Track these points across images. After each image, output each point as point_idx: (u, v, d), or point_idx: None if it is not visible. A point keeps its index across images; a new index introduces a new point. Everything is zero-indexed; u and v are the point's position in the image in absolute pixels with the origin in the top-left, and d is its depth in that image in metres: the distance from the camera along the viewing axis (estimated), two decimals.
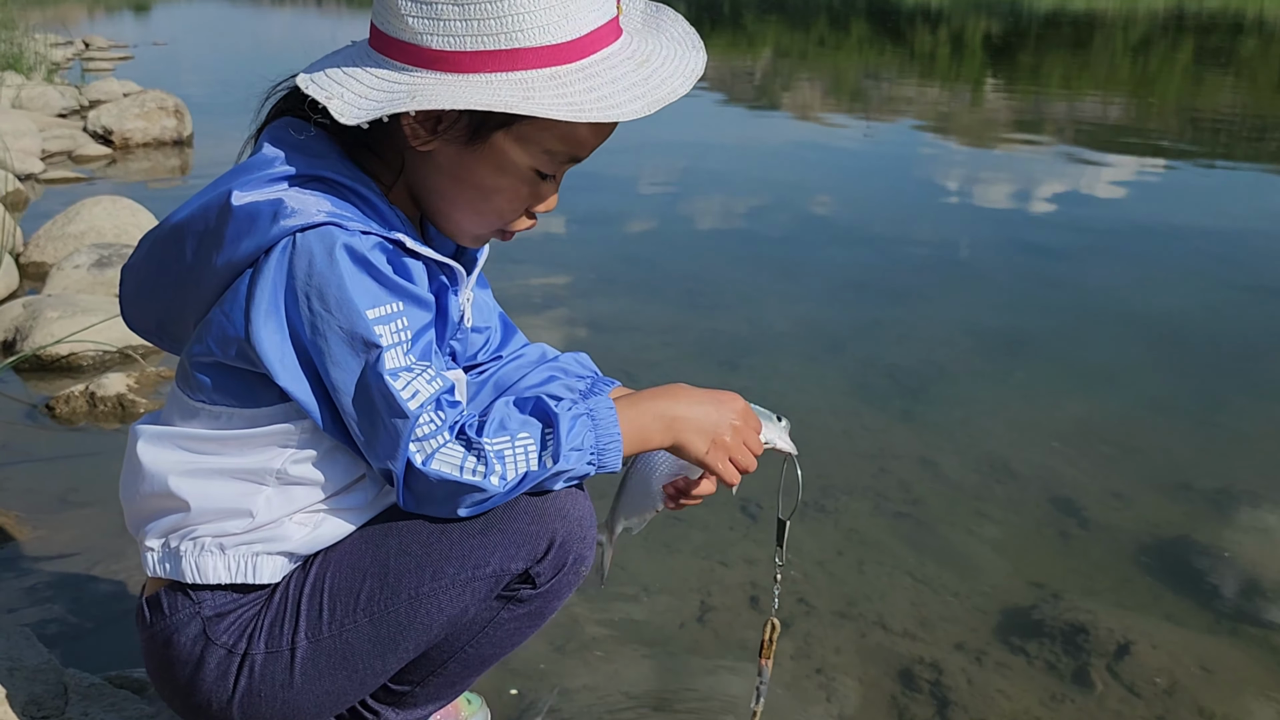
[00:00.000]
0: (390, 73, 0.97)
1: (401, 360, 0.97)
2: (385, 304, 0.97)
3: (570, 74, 0.95)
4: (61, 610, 1.76)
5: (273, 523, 1.04)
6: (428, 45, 0.95)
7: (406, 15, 0.95)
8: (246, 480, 1.03)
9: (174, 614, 1.07)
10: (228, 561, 1.04)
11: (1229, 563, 2.02)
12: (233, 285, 0.98)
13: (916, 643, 1.76)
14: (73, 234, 3.74)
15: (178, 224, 1.02)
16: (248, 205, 0.96)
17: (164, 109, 6.79)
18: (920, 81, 12.20)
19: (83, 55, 14.56)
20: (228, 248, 0.97)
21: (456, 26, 0.94)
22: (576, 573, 1.13)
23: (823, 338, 3.30)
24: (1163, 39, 18.17)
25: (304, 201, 0.96)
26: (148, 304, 1.09)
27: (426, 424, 0.98)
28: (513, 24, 0.93)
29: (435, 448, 0.98)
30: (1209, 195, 5.67)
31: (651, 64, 1.00)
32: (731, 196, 5.45)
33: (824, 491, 2.25)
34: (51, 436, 2.47)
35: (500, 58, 0.94)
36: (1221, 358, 3.14)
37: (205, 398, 1.03)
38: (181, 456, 1.04)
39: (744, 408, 1.15)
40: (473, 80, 0.94)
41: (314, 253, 0.95)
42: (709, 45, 1.09)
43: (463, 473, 0.98)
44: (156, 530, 1.06)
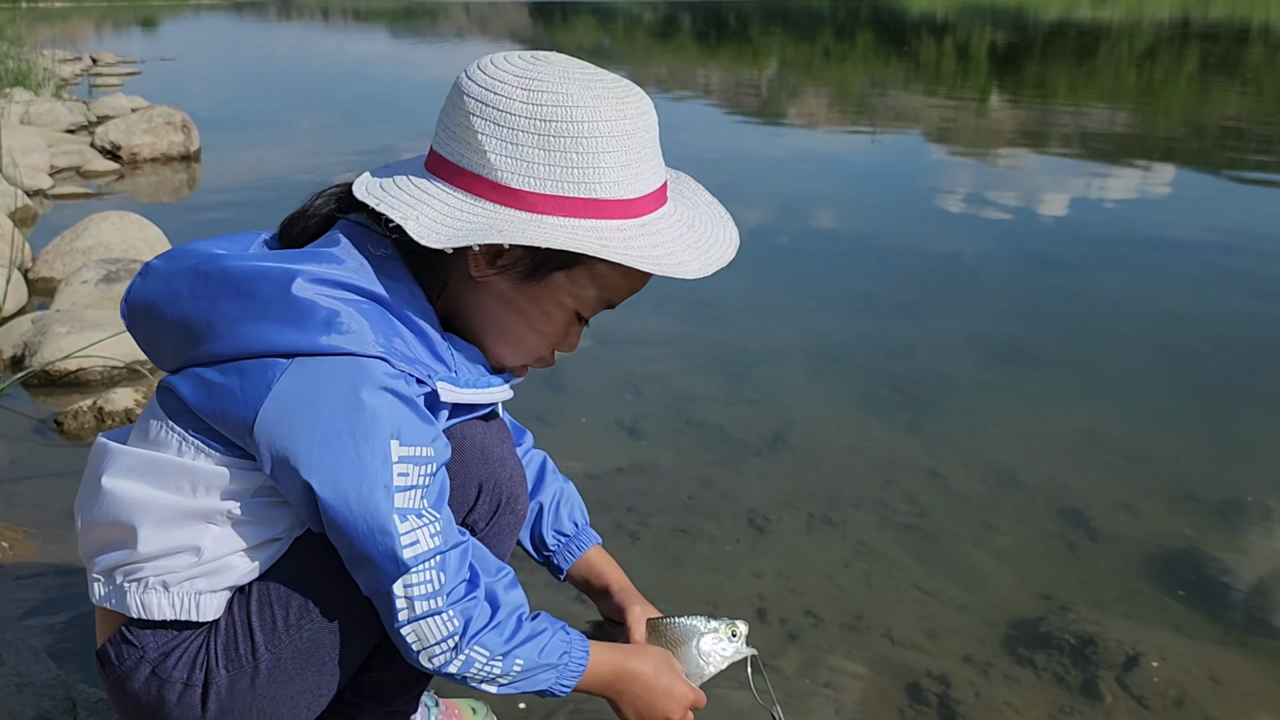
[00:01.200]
0: (464, 200, 1.00)
1: (415, 503, 0.98)
2: (418, 447, 0.98)
3: (634, 229, 1.02)
4: (70, 626, 1.76)
5: (217, 559, 1.04)
6: (506, 182, 0.99)
7: (489, 152, 0.99)
8: (198, 520, 1.03)
9: (122, 663, 1.08)
10: (171, 599, 1.05)
11: (1238, 574, 2.01)
12: (257, 363, 0.98)
13: (924, 655, 1.75)
14: (81, 249, 3.76)
15: (228, 270, 1.01)
16: (307, 300, 0.97)
17: (171, 124, 6.83)
18: (926, 92, 12.22)
19: (91, 71, 14.68)
20: (268, 326, 0.97)
21: (540, 170, 0.98)
22: (513, 512, 1.15)
23: (829, 349, 3.30)
24: (1169, 48, 18.17)
25: (361, 326, 0.97)
26: (155, 316, 1.07)
27: (423, 582, 0.98)
28: (593, 175, 0.99)
29: (425, 612, 0.99)
30: (1215, 205, 5.66)
31: (698, 229, 1.08)
32: (738, 208, 5.42)
33: (831, 504, 2.25)
34: (60, 452, 2.48)
35: (575, 205, 0.99)
36: (1229, 368, 3.13)
37: (183, 425, 1.03)
38: (141, 491, 1.03)
39: (688, 709, 1.20)
40: (547, 221, 0.99)
41: (358, 384, 0.96)
42: (715, 56, 1.12)
43: (427, 651, 1.01)
44: (104, 564, 1.07)
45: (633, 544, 2.08)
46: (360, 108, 10.80)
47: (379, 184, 1.04)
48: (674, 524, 2.16)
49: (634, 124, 1.01)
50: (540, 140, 0.98)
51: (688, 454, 2.50)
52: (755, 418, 2.71)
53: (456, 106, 1.02)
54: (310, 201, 1.11)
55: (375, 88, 13.91)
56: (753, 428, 2.64)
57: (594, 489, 2.30)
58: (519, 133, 0.98)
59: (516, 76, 0.99)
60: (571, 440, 2.54)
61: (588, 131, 0.98)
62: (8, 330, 3.02)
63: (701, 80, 14.67)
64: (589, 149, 0.98)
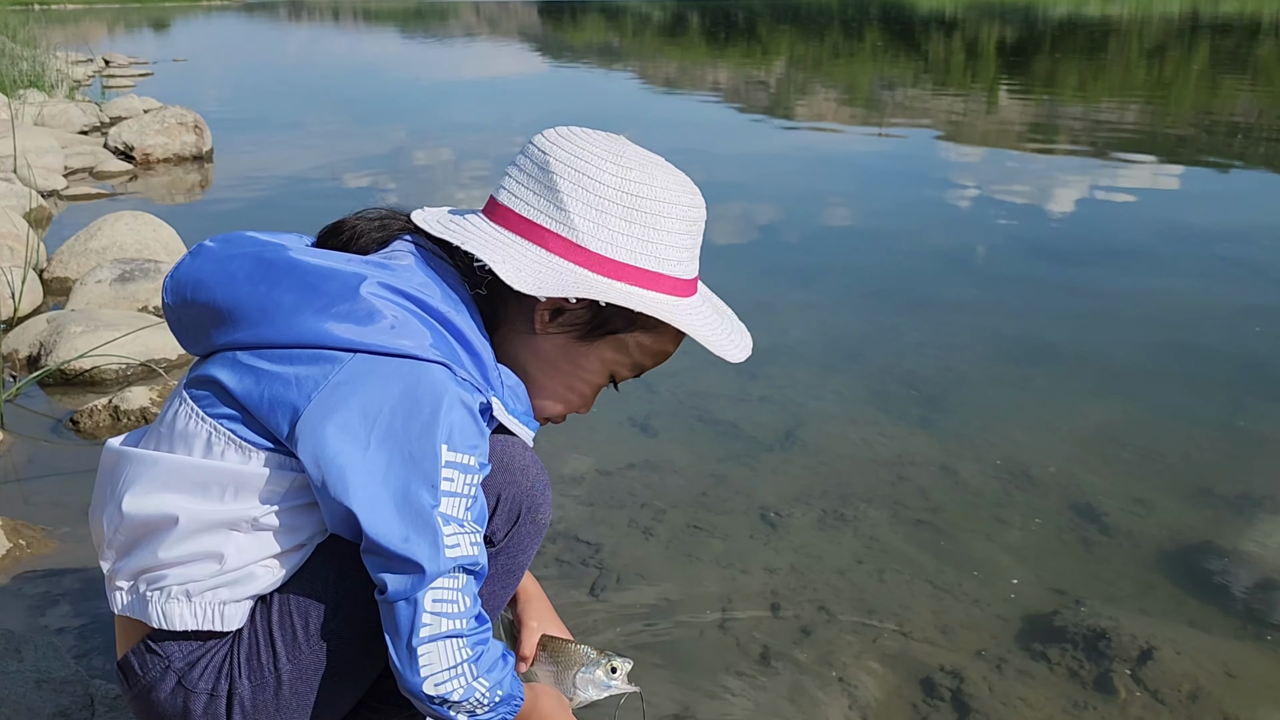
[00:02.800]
0: (542, 254, 1.06)
1: (459, 512, 0.99)
2: (468, 455, 1.00)
3: (686, 306, 1.11)
4: (88, 623, 1.78)
5: (240, 568, 1.04)
6: (586, 244, 1.06)
7: (574, 214, 1.05)
8: (222, 528, 1.03)
9: (146, 673, 1.08)
10: (194, 609, 1.05)
11: (1252, 568, 2.01)
12: (315, 354, 0.98)
13: (937, 650, 1.75)
14: (95, 249, 3.79)
15: (294, 262, 1.03)
16: (372, 302, 1.00)
17: (184, 125, 6.87)
18: (935, 88, 12.18)
19: (103, 72, 14.76)
20: (330, 320, 0.99)
21: (619, 238, 1.06)
22: (534, 522, 1.16)
23: (841, 345, 3.30)
24: (1178, 43, 18.07)
25: (423, 334, 1.00)
26: (201, 294, 1.05)
27: (450, 600, 0.98)
28: (663, 251, 1.08)
29: (449, 631, 0.99)
30: (1227, 200, 5.63)
31: (724, 316, 1.18)
32: (748, 204, 5.46)
33: (843, 500, 2.25)
34: (76, 450, 2.49)
35: (644, 275, 1.08)
36: (1242, 363, 3.12)
37: (217, 420, 1.02)
38: (162, 498, 1.03)
39: None
40: (617, 286, 1.05)
41: (419, 384, 0.98)
42: (725, 55, 1.15)
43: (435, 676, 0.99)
44: (125, 571, 1.07)
45: (646, 540, 2.08)
46: (371, 108, 10.83)
47: (443, 220, 1.08)
48: (687, 520, 2.17)
49: (698, 214, 1.12)
50: (625, 212, 1.06)
51: (701, 450, 2.50)
52: (767, 414, 2.71)
53: (538, 166, 1.07)
54: (357, 218, 1.12)
55: (385, 88, 13.95)
56: (765, 424, 2.65)
57: (607, 485, 2.31)
58: (606, 201, 1.06)
59: (607, 151, 1.07)
60: (585, 437, 2.55)
61: (667, 211, 1.08)
62: (23, 330, 3.05)
63: (710, 78, 14.67)
64: (665, 227, 1.08)
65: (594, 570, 1.97)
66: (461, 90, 13.15)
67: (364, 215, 1.13)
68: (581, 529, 2.11)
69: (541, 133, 1.10)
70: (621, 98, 11.54)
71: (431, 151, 7.26)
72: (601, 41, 25.86)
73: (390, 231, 1.11)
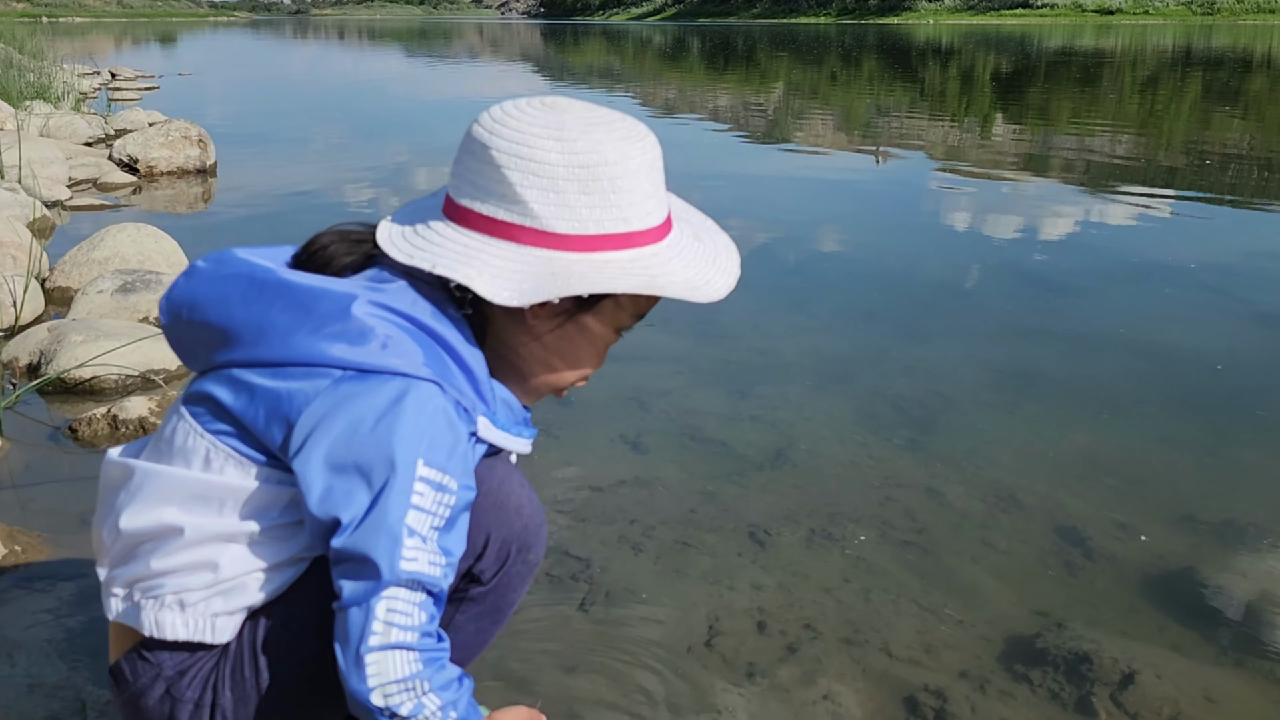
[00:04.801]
0: (514, 250, 1.05)
1: (424, 528, 0.99)
2: (443, 474, 1.00)
3: (665, 250, 1.10)
4: (82, 629, 1.79)
5: (234, 578, 1.06)
6: (552, 229, 1.04)
7: (531, 202, 1.04)
8: (218, 540, 1.05)
9: (137, 679, 1.10)
10: (186, 619, 1.06)
11: (1234, 594, 2.03)
12: (308, 370, 1.00)
13: (921, 670, 1.78)
14: (98, 260, 3.82)
15: (286, 282, 1.04)
16: (365, 321, 1.01)
17: (188, 138, 6.92)
18: (930, 117, 12.29)
19: (109, 85, 14.85)
20: (323, 340, 1.00)
21: (583, 213, 1.04)
22: (525, 562, 1.17)
23: (831, 367, 3.33)
24: (1171, 76, 18.25)
25: (414, 351, 1.02)
26: (196, 315, 1.08)
27: (404, 611, 0.98)
28: (629, 210, 1.06)
29: (397, 642, 0.98)
30: (1216, 231, 5.69)
31: (703, 239, 1.15)
32: (743, 227, 5.51)
33: (831, 519, 2.28)
34: (74, 458, 2.51)
35: (616, 239, 1.06)
36: (1227, 391, 3.15)
37: (215, 436, 1.05)
38: (161, 510, 1.05)
39: None
40: (593, 259, 1.05)
41: (403, 400, 0.99)
42: (724, 81, 1.17)
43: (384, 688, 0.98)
44: (122, 578, 1.09)
45: (635, 556, 2.11)
46: (374, 125, 10.90)
47: (409, 236, 1.07)
48: (676, 537, 2.19)
49: (651, 157, 1.09)
50: (580, 186, 1.04)
51: (691, 468, 2.53)
52: (758, 433, 2.74)
53: (483, 160, 1.05)
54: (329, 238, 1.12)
55: (389, 105, 14.04)
56: (755, 443, 2.67)
57: (598, 501, 2.33)
58: (559, 181, 1.03)
59: (544, 128, 1.04)
60: (576, 453, 2.57)
61: (620, 172, 1.05)
62: (24, 338, 3.07)
63: (710, 103, 14.78)
64: (623, 187, 1.06)
65: (583, 585, 1.99)
66: (463, 109, 13.23)
67: (336, 232, 1.13)
68: (571, 544, 2.14)
69: (477, 119, 1.08)
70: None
71: (433, 170, 7.31)
72: (602, 64, 26.04)
73: (362, 253, 1.11)
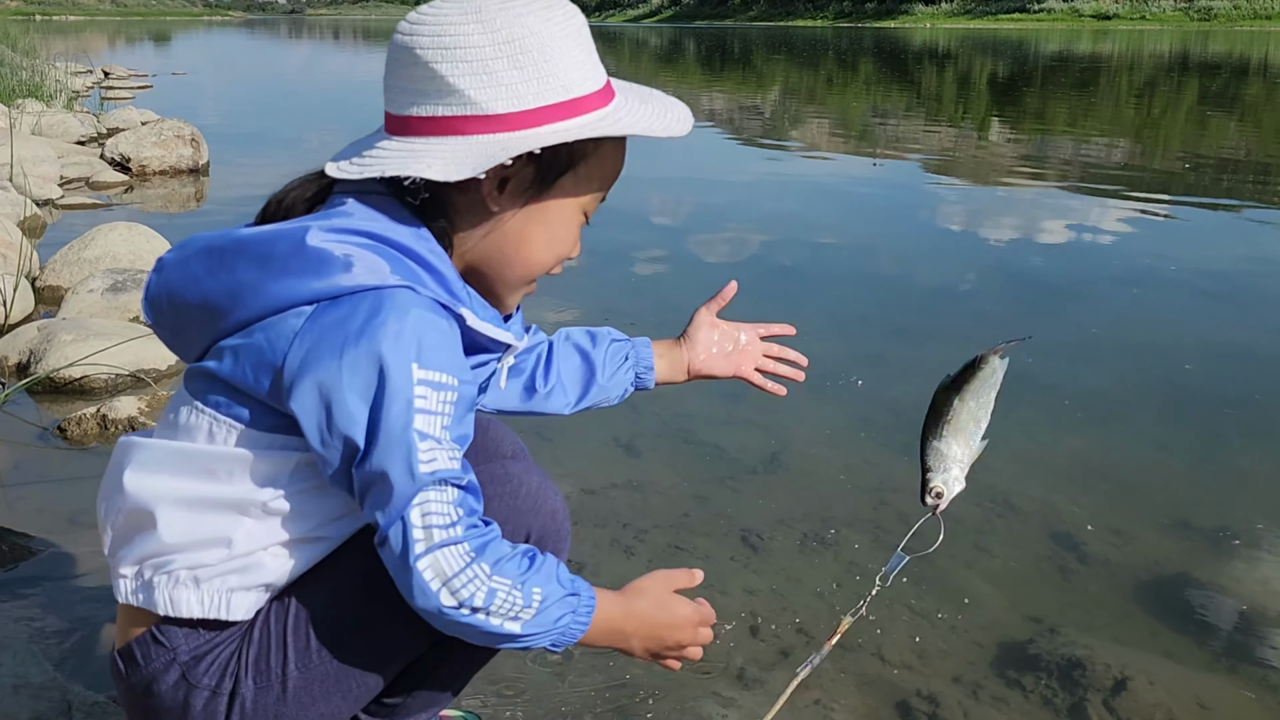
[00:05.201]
0: (460, 140, 1.02)
1: (434, 430, 0.97)
2: (440, 373, 0.98)
3: (612, 113, 1.08)
4: (68, 629, 1.78)
5: (249, 554, 1.04)
6: (492, 110, 1.02)
7: (466, 89, 1.01)
8: (229, 511, 1.03)
9: (149, 664, 1.06)
10: (201, 596, 1.04)
11: (1227, 600, 2.03)
12: (280, 314, 0.99)
13: (914, 675, 1.77)
14: (88, 259, 3.80)
15: (240, 239, 1.03)
16: (321, 248, 0.99)
17: (181, 138, 6.90)
18: (927, 120, 12.31)
19: (102, 84, 14.82)
20: (290, 280, 0.98)
21: (519, 89, 1.02)
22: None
23: (825, 371, 3.32)
24: (1167, 81, 18.31)
25: (378, 264, 0.99)
26: (177, 304, 1.07)
27: (439, 512, 0.96)
28: (564, 78, 1.04)
29: (444, 541, 0.96)
30: (1211, 236, 5.70)
31: (651, 103, 1.13)
32: (737, 231, 5.51)
33: (824, 523, 2.27)
34: (63, 458, 2.50)
35: (559, 109, 1.04)
36: (1221, 397, 3.15)
37: (213, 406, 1.03)
38: (167, 481, 1.03)
39: (697, 627, 1.17)
40: (544, 130, 1.03)
41: (381, 311, 0.97)
42: (721, 82, 1.16)
43: (450, 584, 0.96)
44: (131, 557, 1.06)
45: (628, 559, 2.10)
46: (367, 125, 10.86)
47: (356, 161, 1.05)
48: (669, 540, 2.18)
49: (577, 25, 1.06)
50: (510, 62, 1.01)
51: (684, 472, 2.52)
52: (751, 437, 2.73)
53: (409, 63, 1.03)
54: (283, 190, 1.11)
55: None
56: (749, 447, 2.67)
57: (590, 504, 2.32)
58: (488, 62, 1.01)
59: (462, 14, 1.02)
60: (569, 456, 2.56)
61: (546, 41, 1.03)
62: (14, 337, 3.05)
63: (705, 105, 14.79)
64: (553, 55, 1.03)
65: None
66: None
67: (292, 182, 1.12)
68: None
69: (396, 29, 1.06)
70: None
71: None
72: None
73: (316, 189, 1.10)
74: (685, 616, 1.15)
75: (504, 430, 1.35)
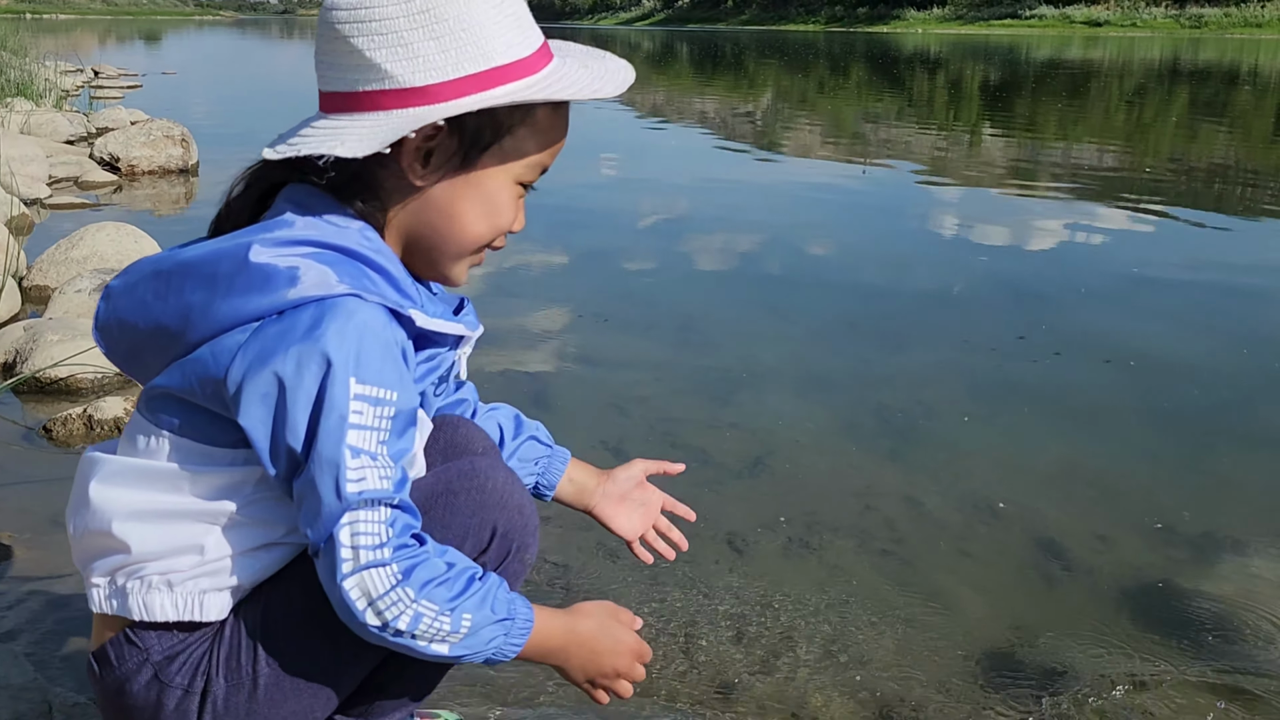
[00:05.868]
0: (379, 117, 1.01)
1: (369, 445, 0.97)
2: (378, 387, 0.97)
3: (539, 81, 1.04)
4: (49, 631, 1.77)
5: (221, 558, 1.04)
6: (410, 84, 1.00)
7: (382, 63, 0.99)
8: (200, 521, 1.04)
9: (122, 664, 1.07)
10: (175, 599, 1.04)
11: (1211, 607, 2.04)
12: (230, 333, 0.99)
13: (897, 681, 1.77)
14: (76, 259, 3.79)
15: (184, 261, 1.02)
16: (265, 264, 0.98)
17: (170, 138, 6.88)
18: (918, 126, 12.35)
19: (92, 83, 14.75)
20: (236, 299, 0.98)
21: (436, 60, 1.00)
22: (521, 561, 1.16)
23: (812, 376, 3.33)
24: (1158, 88, 18.41)
25: (325, 273, 0.98)
26: (129, 331, 1.07)
27: (369, 532, 0.96)
28: (486, 46, 1.01)
29: (370, 561, 0.96)
30: (1199, 243, 5.73)
31: (591, 67, 1.10)
32: (728, 235, 5.52)
33: (809, 529, 2.27)
34: (49, 458, 2.49)
35: (481, 79, 1.01)
36: (1207, 404, 3.17)
37: (170, 428, 1.04)
38: (133, 495, 1.04)
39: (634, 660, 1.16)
40: (463, 103, 1.01)
41: (321, 323, 0.96)
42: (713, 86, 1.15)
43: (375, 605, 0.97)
44: (103, 568, 1.06)
45: (613, 563, 2.10)
46: None
47: (285, 143, 1.04)
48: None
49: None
50: (427, 33, 0.99)
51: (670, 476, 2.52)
52: (737, 441, 2.74)
53: (330, 38, 1.02)
54: (229, 194, 1.11)
55: None
56: (734, 451, 2.67)
57: None
58: (403, 34, 0.99)
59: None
60: None
61: (465, 9, 1.00)
62: (0, 337, 3.04)
63: (697, 108, 14.81)
64: (473, 24, 1.00)
65: (560, 592, 1.99)
66: None
67: (236, 184, 1.11)
68: (549, 550, 2.13)
69: (323, 4, 1.06)
70: (607, 124, 11.64)
71: None
72: None
73: (259, 193, 1.09)
74: (627, 645, 1.16)
75: (475, 428, 1.34)
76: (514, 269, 4.49)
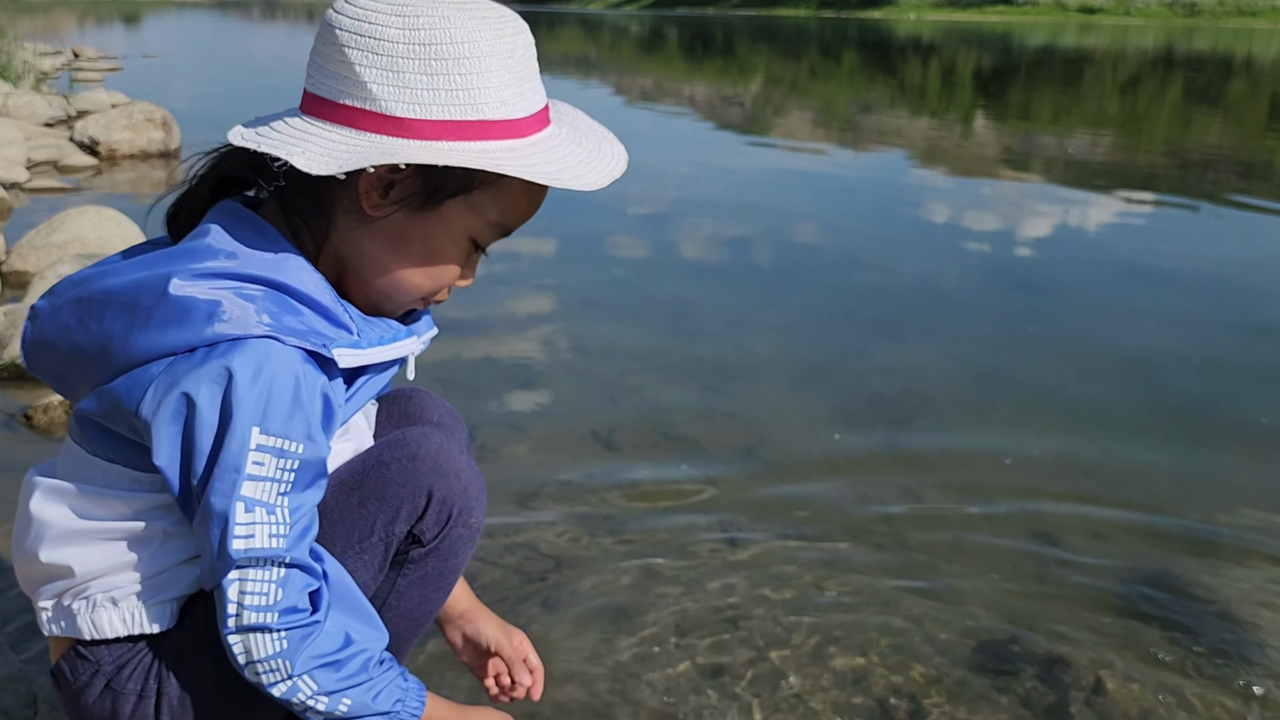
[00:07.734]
0: (349, 134, 0.97)
1: (268, 497, 0.95)
2: (283, 439, 0.95)
3: (525, 147, 1.00)
4: (32, 621, 1.74)
5: (163, 572, 1.04)
6: (390, 111, 0.96)
7: (370, 83, 0.96)
8: (135, 539, 1.03)
9: (77, 678, 1.08)
10: (121, 614, 1.04)
11: (1207, 600, 2.03)
12: (146, 366, 0.96)
13: (894, 674, 1.76)
14: (56, 243, 3.72)
15: (106, 290, 0.99)
16: (185, 298, 0.95)
17: (151, 121, 6.78)
18: (910, 113, 12.32)
19: (72, 65, 14.56)
20: (153, 332, 0.95)
21: (424, 95, 0.96)
22: (466, 525, 1.13)
23: (807, 366, 3.31)
24: (1152, 77, 18.44)
25: (245, 310, 0.95)
26: (53, 353, 1.05)
27: (257, 592, 0.96)
28: (479, 96, 0.97)
29: (253, 624, 0.96)
30: (1193, 232, 5.74)
31: (586, 146, 1.06)
32: (719, 223, 5.48)
33: (803, 520, 2.25)
34: (28, 446, 2.45)
35: (464, 128, 0.97)
36: (1202, 395, 3.17)
37: (98, 454, 1.03)
38: (71, 521, 1.03)
39: None
40: (438, 146, 0.96)
41: (231, 366, 0.93)
42: (703, 71, 1.11)
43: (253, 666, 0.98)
44: (48, 592, 1.06)
45: (605, 555, 2.07)
46: None
47: (255, 131, 1.01)
48: (646, 534, 2.15)
49: (512, 43, 0.99)
50: (422, 65, 0.96)
51: (662, 465, 2.49)
52: (731, 431, 2.71)
53: (329, 42, 0.98)
54: (185, 185, 1.08)
55: None
56: (728, 441, 2.65)
57: (567, 498, 2.30)
58: (399, 60, 0.95)
59: (390, 4, 0.96)
60: (545, 449, 2.53)
61: (469, 52, 0.96)
62: None
63: (687, 94, 14.75)
64: (472, 70, 0.96)
65: (551, 583, 1.96)
66: None
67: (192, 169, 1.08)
68: (540, 542, 2.10)
69: (331, 4, 1.01)
70: (597, 110, 11.59)
71: None
72: (579, 53, 25.91)
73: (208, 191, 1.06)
74: None
75: (430, 398, 1.31)
76: (502, 256, 4.45)
